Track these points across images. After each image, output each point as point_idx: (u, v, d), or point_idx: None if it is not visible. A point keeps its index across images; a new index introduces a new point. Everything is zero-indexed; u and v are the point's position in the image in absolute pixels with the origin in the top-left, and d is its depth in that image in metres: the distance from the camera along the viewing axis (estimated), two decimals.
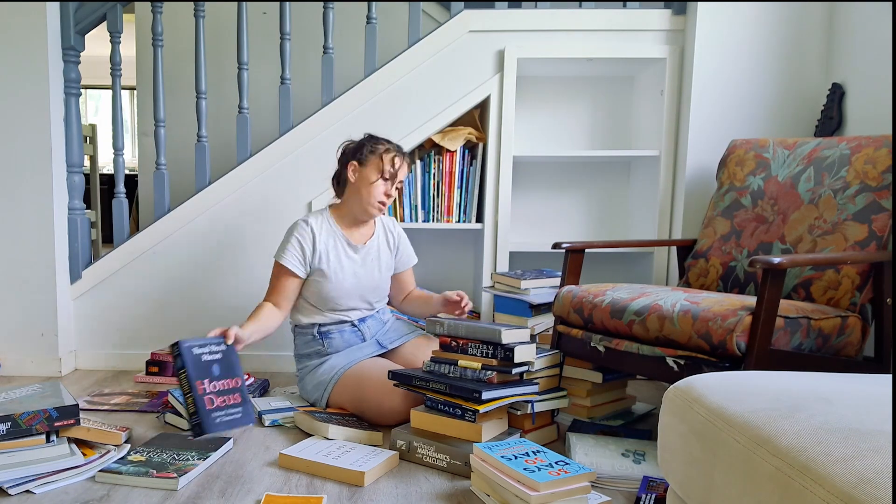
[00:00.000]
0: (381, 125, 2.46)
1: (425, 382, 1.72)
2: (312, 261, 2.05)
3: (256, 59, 2.99)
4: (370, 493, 1.50)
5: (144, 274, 2.56)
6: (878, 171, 1.79)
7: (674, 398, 1.06)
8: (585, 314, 1.85)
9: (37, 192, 2.42)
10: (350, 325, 2.12)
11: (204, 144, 2.56)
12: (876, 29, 2.09)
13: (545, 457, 1.47)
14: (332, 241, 2.08)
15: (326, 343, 2.08)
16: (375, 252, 2.14)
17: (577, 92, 2.80)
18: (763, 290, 1.46)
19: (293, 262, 2.03)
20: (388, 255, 2.19)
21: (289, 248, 2.04)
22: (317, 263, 2.04)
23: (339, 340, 2.09)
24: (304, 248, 2.04)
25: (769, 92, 2.36)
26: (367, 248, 2.13)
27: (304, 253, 2.04)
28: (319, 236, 2.06)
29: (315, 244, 2.05)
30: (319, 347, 2.08)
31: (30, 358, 2.47)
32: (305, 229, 2.06)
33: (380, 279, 2.14)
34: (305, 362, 2.11)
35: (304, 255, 2.04)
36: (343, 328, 2.11)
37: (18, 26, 2.35)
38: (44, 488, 1.48)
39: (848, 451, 0.73)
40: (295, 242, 2.04)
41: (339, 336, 2.10)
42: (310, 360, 2.10)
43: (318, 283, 2.05)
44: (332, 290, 2.05)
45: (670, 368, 1.61)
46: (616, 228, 2.86)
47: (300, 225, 2.07)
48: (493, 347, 1.72)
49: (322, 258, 2.04)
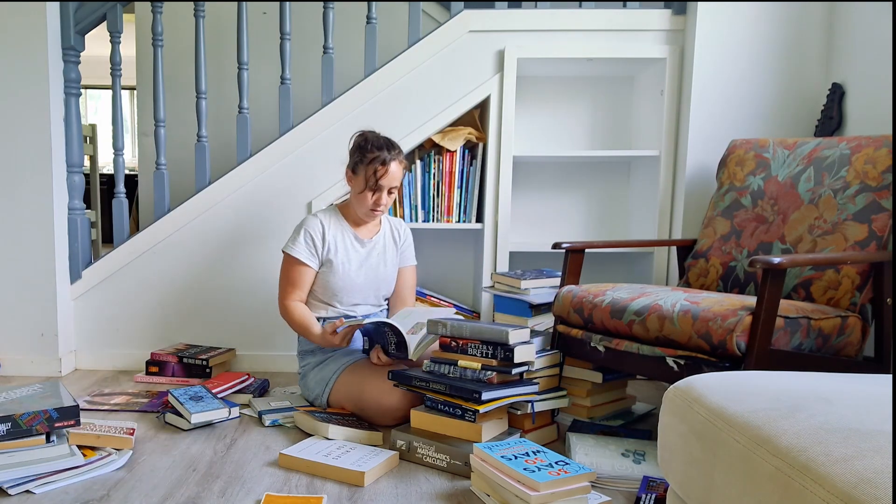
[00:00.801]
0: (381, 125, 2.46)
1: (425, 383, 1.72)
2: (322, 253, 2.08)
3: (256, 59, 2.99)
4: (370, 493, 1.50)
5: (144, 274, 2.56)
6: (878, 171, 1.79)
7: (674, 398, 1.06)
8: (585, 314, 1.85)
9: (37, 192, 2.42)
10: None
11: (204, 144, 2.56)
12: (876, 29, 2.09)
13: (545, 457, 1.47)
14: (340, 234, 2.12)
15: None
16: (381, 247, 2.18)
17: (577, 92, 2.80)
18: (763, 290, 1.46)
19: (303, 252, 2.06)
20: (394, 251, 2.22)
21: (298, 240, 2.07)
22: (326, 255, 2.08)
23: None
24: (315, 239, 2.08)
25: (769, 92, 2.36)
26: (374, 243, 2.16)
27: (314, 244, 2.07)
28: (329, 229, 2.10)
29: (325, 236, 2.09)
30: None
31: (30, 358, 2.46)
32: (315, 222, 2.10)
33: (385, 273, 2.18)
34: (309, 359, 2.12)
35: (314, 246, 2.08)
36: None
37: (18, 26, 2.35)
38: (44, 488, 1.48)
39: (848, 451, 0.73)
40: (305, 234, 2.08)
41: None
42: (313, 356, 2.11)
43: (326, 274, 2.08)
44: (339, 282, 2.08)
45: (670, 368, 1.61)
46: (616, 228, 2.86)
47: (309, 219, 2.11)
48: (493, 347, 1.72)
49: (331, 250, 2.08)
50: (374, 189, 2.05)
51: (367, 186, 2.04)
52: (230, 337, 2.59)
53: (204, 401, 1.95)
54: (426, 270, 2.84)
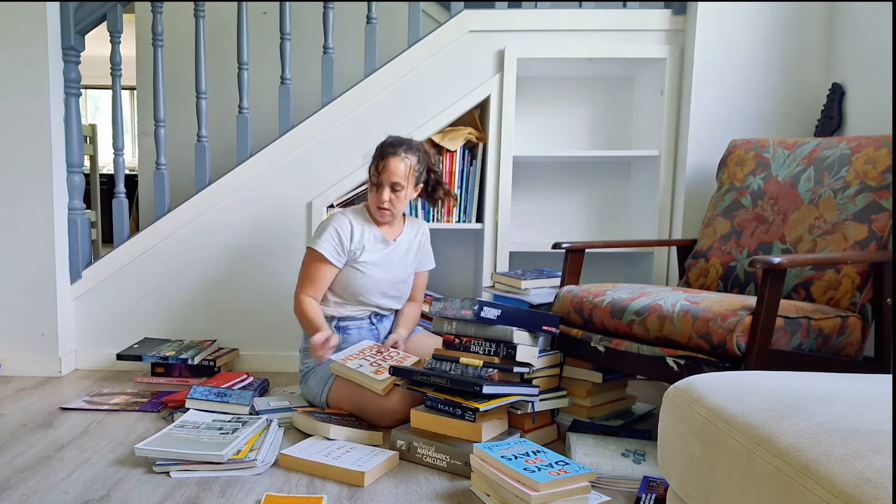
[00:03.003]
0: (382, 125, 2.46)
1: (426, 377, 1.72)
2: (350, 252, 2.07)
3: (256, 59, 2.99)
4: (370, 493, 1.50)
5: (144, 274, 2.56)
6: (878, 171, 1.79)
7: (674, 398, 1.06)
8: (585, 314, 1.85)
9: (37, 192, 2.42)
10: (368, 322, 2.16)
11: (204, 144, 2.56)
12: (876, 29, 2.09)
13: (545, 457, 1.47)
14: (367, 235, 2.11)
15: (343, 337, 2.09)
16: (404, 249, 2.18)
17: (577, 92, 2.80)
18: (763, 290, 1.46)
19: (330, 250, 2.05)
20: (414, 253, 2.22)
21: (325, 237, 2.06)
22: (354, 255, 2.08)
23: (356, 336, 2.14)
24: (343, 238, 2.07)
25: (769, 92, 2.36)
26: (398, 244, 2.16)
27: (341, 243, 2.07)
28: (356, 228, 2.09)
29: (353, 235, 2.08)
30: None
31: (30, 358, 2.46)
32: (344, 220, 2.09)
33: (405, 275, 2.18)
34: (311, 357, 2.11)
35: (341, 245, 2.07)
36: (362, 324, 2.15)
37: (18, 26, 2.35)
38: (181, 475, 1.57)
39: (848, 451, 0.73)
40: (333, 232, 2.06)
41: (356, 332, 2.14)
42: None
43: (352, 273, 2.08)
44: (366, 283, 2.08)
45: (670, 368, 1.61)
46: (616, 228, 2.86)
47: (338, 216, 2.10)
48: (496, 345, 1.74)
49: (358, 250, 2.08)
50: (377, 184, 2.05)
51: (372, 182, 2.06)
52: (231, 336, 2.59)
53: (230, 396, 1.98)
54: None
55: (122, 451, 1.72)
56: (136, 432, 1.87)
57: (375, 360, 1.97)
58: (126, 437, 1.83)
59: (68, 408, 2.07)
